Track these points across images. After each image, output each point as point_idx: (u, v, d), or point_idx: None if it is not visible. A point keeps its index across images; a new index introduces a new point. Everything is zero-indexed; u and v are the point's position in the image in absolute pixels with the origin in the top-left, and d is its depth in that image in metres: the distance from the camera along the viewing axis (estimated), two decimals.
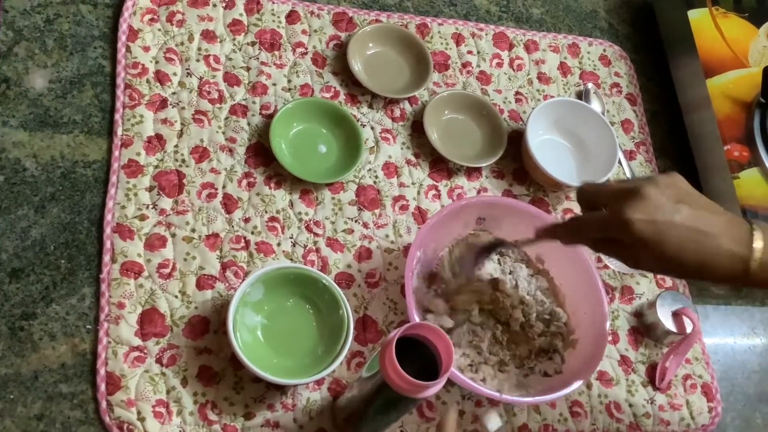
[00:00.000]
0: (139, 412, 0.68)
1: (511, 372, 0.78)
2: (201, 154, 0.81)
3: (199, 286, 0.75)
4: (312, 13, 0.94)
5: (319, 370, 0.70)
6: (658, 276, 0.92)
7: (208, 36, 0.87)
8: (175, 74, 0.84)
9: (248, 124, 0.84)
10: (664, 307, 0.86)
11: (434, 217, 0.78)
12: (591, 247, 0.68)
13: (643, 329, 0.88)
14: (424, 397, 0.59)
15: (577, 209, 0.94)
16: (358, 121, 0.88)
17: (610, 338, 0.86)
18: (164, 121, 0.81)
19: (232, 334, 0.69)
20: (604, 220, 0.64)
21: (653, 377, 0.85)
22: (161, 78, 0.83)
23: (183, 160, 0.80)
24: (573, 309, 0.81)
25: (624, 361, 0.86)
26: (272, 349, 0.72)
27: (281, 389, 0.72)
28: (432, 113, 0.91)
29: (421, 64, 0.94)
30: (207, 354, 0.72)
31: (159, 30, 0.86)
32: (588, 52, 1.06)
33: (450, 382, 0.78)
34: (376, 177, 0.87)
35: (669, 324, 0.85)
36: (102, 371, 0.69)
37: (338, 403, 0.71)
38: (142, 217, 0.76)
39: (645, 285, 0.91)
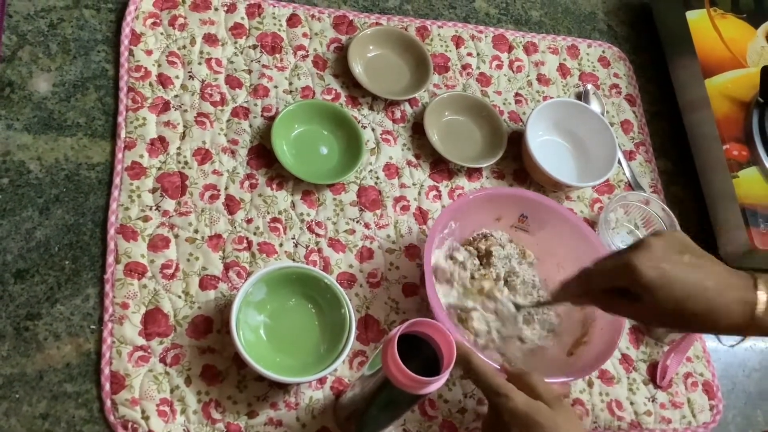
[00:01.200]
0: (143, 411, 0.68)
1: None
2: (203, 156, 0.82)
3: (202, 286, 0.75)
4: (313, 16, 0.94)
5: (322, 369, 0.71)
6: None
7: (210, 39, 0.88)
8: (177, 77, 0.85)
9: (250, 126, 0.85)
10: None
11: (471, 195, 0.81)
12: (601, 306, 0.69)
13: (644, 328, 0.88)
14: (427, 394, 0.60)
15: (577, 208, 0.94)
16: (359, 122, 0.89)
17: None
18: (167, 123, 0.82)
19: (235, 333, 0.69)
20: (613, 268, 0.65)
21: (654, 375, 0.85)
22: (164, 81, 0.84)
23: (185, 162, 0.81)
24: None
25: (625, 359, 0.86)
26: (275, 348, 0.72)
27: (284, 388, 0.73)
28: (432, 115, 0.92)
29: (421, 66, 0.95)
30: (210, 353, 0.72)
31: (161, 34, 0.86)
32: (587, 54, 1.07)
33: (452, 381, 0.78)
34: (377, 178, 0.87)
35: None
36: (106, 370, 0.69)
37: (341, 401, 0.72)
38: (146, 219, 0.77)
39: None
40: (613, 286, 0.66)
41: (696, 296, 0.62)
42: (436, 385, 0.59)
